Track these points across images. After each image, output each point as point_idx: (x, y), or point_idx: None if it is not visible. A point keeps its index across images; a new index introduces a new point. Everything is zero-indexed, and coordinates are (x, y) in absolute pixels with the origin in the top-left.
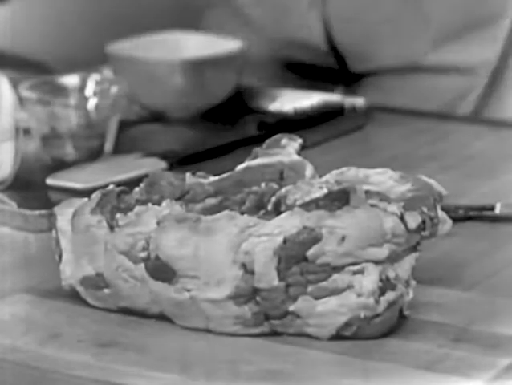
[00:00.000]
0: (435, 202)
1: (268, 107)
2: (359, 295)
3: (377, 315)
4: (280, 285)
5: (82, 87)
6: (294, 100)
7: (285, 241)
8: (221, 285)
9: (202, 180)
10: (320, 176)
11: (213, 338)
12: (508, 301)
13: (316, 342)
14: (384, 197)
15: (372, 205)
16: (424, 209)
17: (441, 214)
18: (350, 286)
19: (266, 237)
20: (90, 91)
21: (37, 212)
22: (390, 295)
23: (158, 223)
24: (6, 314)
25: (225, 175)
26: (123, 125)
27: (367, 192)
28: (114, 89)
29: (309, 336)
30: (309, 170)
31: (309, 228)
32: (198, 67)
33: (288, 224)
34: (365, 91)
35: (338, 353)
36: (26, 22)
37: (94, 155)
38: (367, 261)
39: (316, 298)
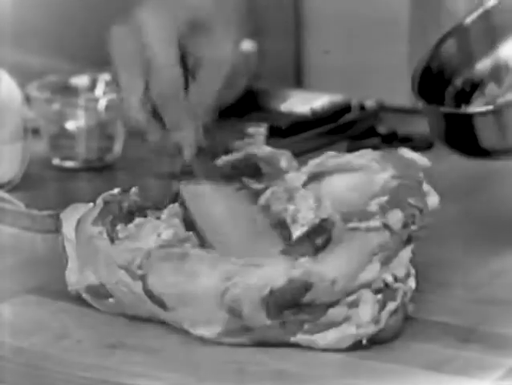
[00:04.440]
0: (420, 184)
1: (279, 108)
2: (358, 326)
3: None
4: (274, 322)
5: (91, 87)
6: (304, 101)
7: (271, 292)
8: (210, 325)
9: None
10: (300, 166)
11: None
12: None
13: None
14: (361, 216)
15: (353, 228)
16: (411, 201)
17: (428, 188)
18: (347, 318)
19: (251, 287)
20: (100, 91)
21: (45, 212)
22: (391, 306)
23: (146, 256)
24: (13, 314)
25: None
26: None
27: (343, 214)
28: None
29: None
30: (284, 161)
31: (295, 279)
32: None
33: (273, 274)
34: None
35: (345, 354)
36: (35, 20)
37: (103, 155)
38: (363, 285)
39: (314, 333)
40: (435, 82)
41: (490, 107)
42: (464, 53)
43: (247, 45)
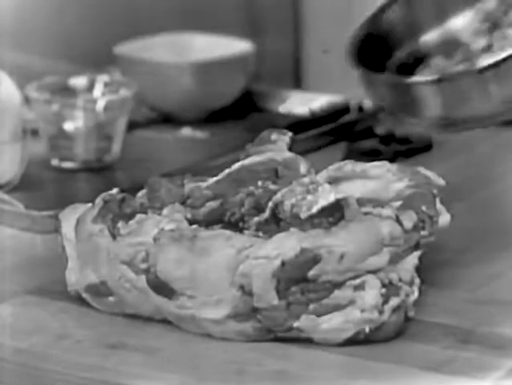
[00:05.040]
0: (434, 198)
1: (278, 109)
2: (362, 311)
3: (382, 323)
4: (281, 303)
5: (90, 88)
6: (303, 102)
7: (283, 264)
8: (219, 305)
9: (200, 184)
10: (316, 172)
11: (220, 339)
12: None
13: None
14: (376, 203)
15: (366, 213)
16: (423, 208)
17: (440, 207)
18: (352, 302)
19: (263, 260)
20: (98, 92)
21: (44, 213)
22: (394, 301)
23: (155, 239)
24: (13, 315)
25: (220, 175)
26: (132, 126)
27: (358, 199)
28: (122, 90)
29: None
30: (303, 166)
31: (307, 249)
32: (207, 69)
33: (285, 245)
34: None
35: (345, 354)
36: (34, 22)
37: (102, 156)
38: (369, 271)
39: (319, 316)
40: (376, 51)
41: (435, 77)
42: (409, 23)
43: (246, 45)
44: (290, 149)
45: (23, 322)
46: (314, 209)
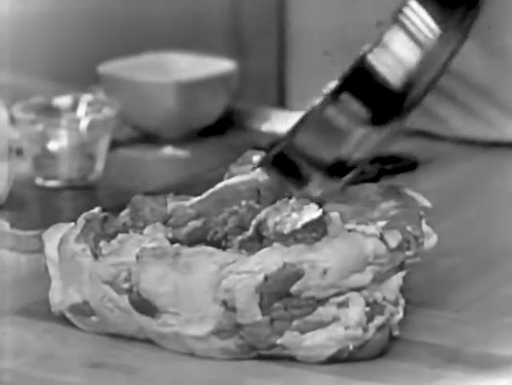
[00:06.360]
0: (420, 218)
1: (260, 128)
2: (346, 328)
3: (367, 341)
4: (264, 319)
5: (74, 108)
6: (286, 121)
7: (266, 279)
8: (202, 322)
9: (183, 203)
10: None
11: (203, 359)
12: (502, 322)
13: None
14: (361, 220)
15: (350, 230)
16: (409, 228)
17: (426, 229)
18: (336, 319)
19: (246, 275)
20: (82, 111)
21: (29, 232)
22: (378, 320)
23: (137, 257)
24: None
25: (204, 195)
26: (114, 145)
27: (342, 216)
28: (105, 109)
29: None
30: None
31: (290, 264)
32: (190, 88)
33: (268, 260)
34: None
35: (329, 373)
36: (20, 42)
37: (85, 174)
38: (352, 289)
39: (303, 332)
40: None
41: None
42: (325, 137)
43: (229, 64)
44: None
45: (7, 343)
46: (299, 225)
